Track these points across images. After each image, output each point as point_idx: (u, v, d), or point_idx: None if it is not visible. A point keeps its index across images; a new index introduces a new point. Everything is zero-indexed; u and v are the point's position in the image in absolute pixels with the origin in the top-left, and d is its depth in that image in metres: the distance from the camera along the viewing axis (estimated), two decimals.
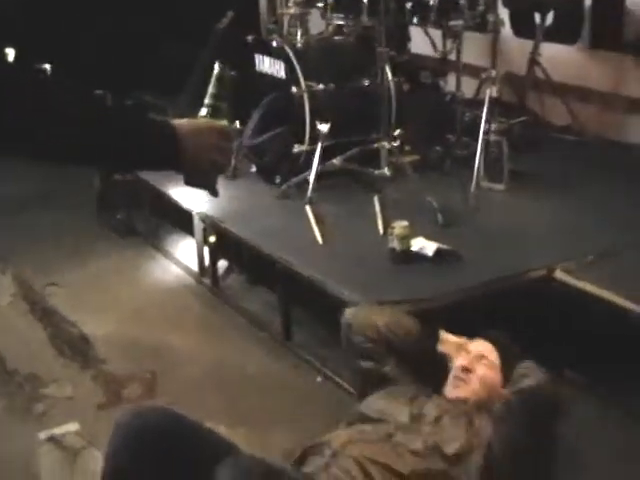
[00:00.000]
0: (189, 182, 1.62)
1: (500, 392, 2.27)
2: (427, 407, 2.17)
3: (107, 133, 1.45)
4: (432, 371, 2.43)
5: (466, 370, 2.33)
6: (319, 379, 3.17)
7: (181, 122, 1.57)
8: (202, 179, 1.62)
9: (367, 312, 2.60)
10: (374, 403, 2.24)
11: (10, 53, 3.65)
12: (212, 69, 1.71)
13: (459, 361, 2.37)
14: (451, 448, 1.99)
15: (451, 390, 2.32)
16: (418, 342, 2.44)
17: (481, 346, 2.41)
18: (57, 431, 2.86)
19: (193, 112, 1.71)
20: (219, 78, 1.69)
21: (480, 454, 1.99)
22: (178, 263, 4.23)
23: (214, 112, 1.66)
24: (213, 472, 1.69)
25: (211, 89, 1.68)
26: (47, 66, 1.57)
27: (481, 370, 2.33)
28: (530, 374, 2.21)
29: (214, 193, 1.66)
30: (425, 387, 2.37)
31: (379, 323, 2.46)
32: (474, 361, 2.36)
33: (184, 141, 1.54)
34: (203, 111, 1.66)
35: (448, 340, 2.44)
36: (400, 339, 2.40)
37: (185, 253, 4.25)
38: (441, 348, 2.43)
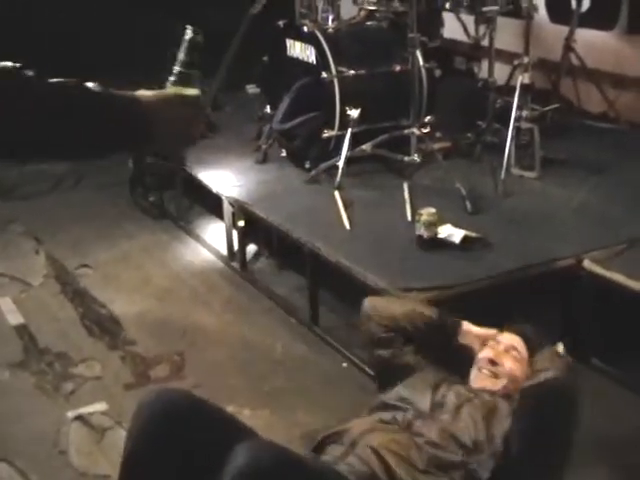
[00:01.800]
0: (157, 153, 1.58)
1: (522, 385, 2.26)
2: (449, 395, 2.17)
3: (71, 119, 1.37)
4: (454, 361, 2.42)
5: (493, 363, 2.31)
6: (345, 364, 3.19)
7: (148, 94, 1.50)
8: (170, 151, 1.59)
9: (385, 302, 2.60)
10: (397, 392, 2.24)
11: None
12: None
13: (485, 353, 2.35)
14: (467, 438, 1.99)
15: (477, 381, 2.31)
16: (438, 331, 2.43)
17: (510, 339, 2.39)
18: (85, 410, 2.93)
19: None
20: (190, 44, 1.58)
21: (496, 447, 1.98)
22: (208, 246, 4.26)
23: (183, 80, 1.56)
24: (232, 454, 1.71)
25: (181, 55, 1.57)
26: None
27: (509, 363, 2.31)
28: (550, 365, 2.18)
29: (180, 163, 1.62)
30: (449, 375, 2.37)
31: (397, 313, 2.45)
32: (502, 354, 2.34)
33: (152, 114, 1.47)
34: (172, 79, 1.57)
35: (470, 331, 2.43)
36: (418, 328, 2.40)
37: (215, 236, 4.29)
38: (462, 339, 2.41)
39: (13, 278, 3.98)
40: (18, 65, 1.39)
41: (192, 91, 1.56)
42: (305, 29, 4.13)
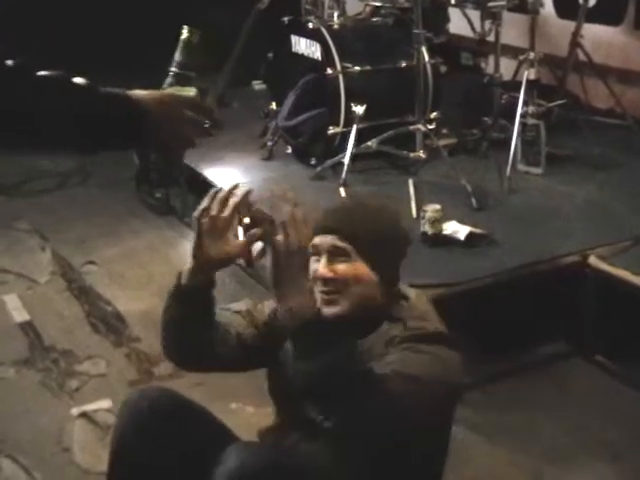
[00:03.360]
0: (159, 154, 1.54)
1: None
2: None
3: (65, 114, 1.36)
4: None
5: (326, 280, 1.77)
6: None
7: (142, 93, 1.45)
8: (168, 154, 1.55)
9: None
10: None
11: None
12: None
13: (313, 266, 1.77)
14: None
15: (323, 308, 1.76)
16: None
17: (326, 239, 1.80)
18: (89, 407, 2.93)
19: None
20: (187, 44, 1.53)
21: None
22: None
23: (180, 81, 1.52)
24: (217, 455, 1.69)
25: (177, 57, 1.53)
26: None
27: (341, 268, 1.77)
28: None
29: (178, 170, 1.59)
30: None
31: None
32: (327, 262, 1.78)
33: (149, 116, 1.43)
34: (168, 81, 1.53)
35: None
36: None
37: None
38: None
39: (19, 275, 3.99)
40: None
41: (189, 91, 1.52)
42: (310, 25, 4.12)
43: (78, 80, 1.42)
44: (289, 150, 4.35)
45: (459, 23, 4.63)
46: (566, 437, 2.73)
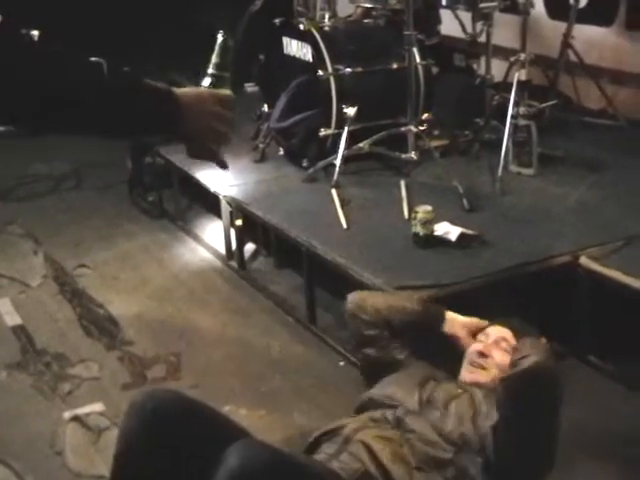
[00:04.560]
0: (193, 153, 1.61)
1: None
2: (437, 392, 2.16)
3: (105, 100, 1.43)
4: (443, 355, 2.41)
5: (482, 355, 2.30)
6: (342, 363, 3.18)
7: (183, 90, 1.55)
8: (206, 150, 1.61)
9: (368, 296, 2.58)
10: (383, 388, 2.23)
11: None
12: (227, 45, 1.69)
13: (475, 346, 2.33)
14: (456, 435, 1.98)
15: (467, 375, 2.30)
16: (422, 321, 2.41)
17: (499, 331, 2.38)
18: (82, 411, 2.93)
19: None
20: (222, 48, 1.68)
21: (484, 440, 1.97)
22: (206, 245, 4.26)
23: (218, 82, 1.66)
24: (223, 455, 1.70)
25: (214, 58, 1.68)
26: (35, 32, 1.54)
27: (499, 355, 2.30)
28: (531, 352, 2.12)
29: (222, 165, 1.65)
30: (437, 370, 2.36)
31: (379, 305, 2.44)
32: (491, 346, 2.33)
33: (186, 108, 1.52)
34: (207, 81, 1.66)
35: (455, 319, 2.42)
36: (403, 320, 2.38)
37: (213, 236, 4.28)
38: (449, 329, 2.40)
39: (12, 279, 3.99)
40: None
41: (226, 92, 1.64)
42: (301, 27, 4.12)
43: (125, 69, 1.50)
44: (281, 152, 4.35)
45: (451, 24, 4.63)
46: (560, 437, 2.72)
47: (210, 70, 1.67)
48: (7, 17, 1.38)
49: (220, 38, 1.69)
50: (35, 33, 1.58)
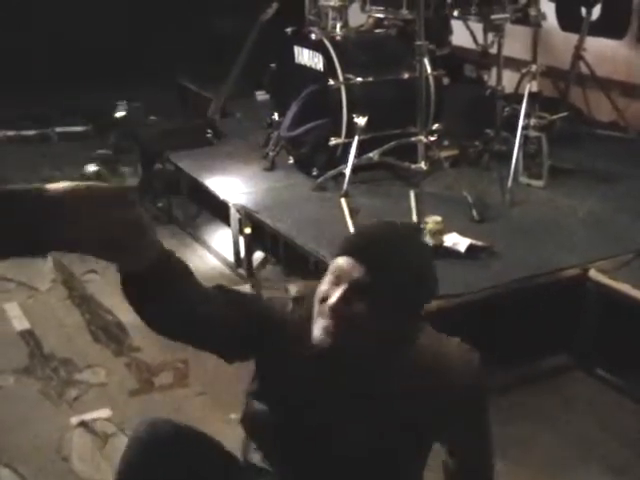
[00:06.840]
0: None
1: None
2: None
3: None
4: None
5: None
6: None
7: (59, 187, 1.18)
8: (111, 256, 1.27)
9: None
10: None
11: None
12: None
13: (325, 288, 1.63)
14: None
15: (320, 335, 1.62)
16: None
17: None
18: (89, 416, 2.93)
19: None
20: (123, 121, 1.37)
21: None
22: (215, 253, 4.26)
23: (109, 168, 1.29)
24: None
25: (112, 137, 1.35)
26: None
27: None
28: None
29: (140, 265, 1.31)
30: None
31: None
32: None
33: (61, 212, 1.16)
34: (91, 167, 1.30)
35: None
36: None
37: (221, 243, 4.29)
38: None
39: (20, 283, 4.00)
40: None
41: (115, 184, 1.31)
42: (313, 36, 4.13)
43: None
44: (291, 160, 4.36)
45: (462, 35, 4.65)
46: (567, 450, 2.72)
47: (99, 151, 1.33)
48: None
49: (122, 112, 1.34)
50: None
